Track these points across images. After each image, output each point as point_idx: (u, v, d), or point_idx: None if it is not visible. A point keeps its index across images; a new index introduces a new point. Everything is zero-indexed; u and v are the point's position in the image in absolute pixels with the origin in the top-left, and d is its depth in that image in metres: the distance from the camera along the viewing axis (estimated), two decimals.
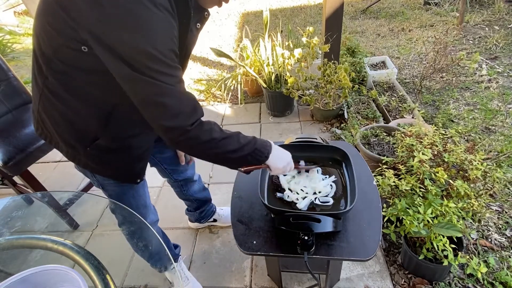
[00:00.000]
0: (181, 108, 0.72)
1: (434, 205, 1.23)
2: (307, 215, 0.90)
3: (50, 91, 0.79)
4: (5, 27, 4.78)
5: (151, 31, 0.63)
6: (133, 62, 0.64)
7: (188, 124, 0.73)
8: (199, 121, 0.76)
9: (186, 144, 0.78)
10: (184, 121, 0.73)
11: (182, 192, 1.49)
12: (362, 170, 1.16)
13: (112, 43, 0.63)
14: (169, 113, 0.71)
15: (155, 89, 0.68)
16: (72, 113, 0.82)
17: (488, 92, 2.49)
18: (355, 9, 4.50)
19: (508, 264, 1.41)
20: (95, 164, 0.94)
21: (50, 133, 0.89)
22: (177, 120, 0.72)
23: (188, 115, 0.73)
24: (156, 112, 0.71)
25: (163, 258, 1.28)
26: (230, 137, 0.81)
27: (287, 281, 1.46)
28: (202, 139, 0.76)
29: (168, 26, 0.67)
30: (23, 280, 0.73)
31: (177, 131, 0.73)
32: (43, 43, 0.72)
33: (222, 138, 0.79)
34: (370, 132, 1.94)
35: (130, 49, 0.63)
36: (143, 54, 0.63)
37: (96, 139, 0.87)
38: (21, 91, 1.78)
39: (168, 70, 0.68)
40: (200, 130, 0.76)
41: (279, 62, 2.46)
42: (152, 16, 0.62)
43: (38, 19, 0.71)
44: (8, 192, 1.99)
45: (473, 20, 3.59)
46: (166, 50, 0.67)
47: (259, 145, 0.86)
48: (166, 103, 0.70)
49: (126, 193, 1.08)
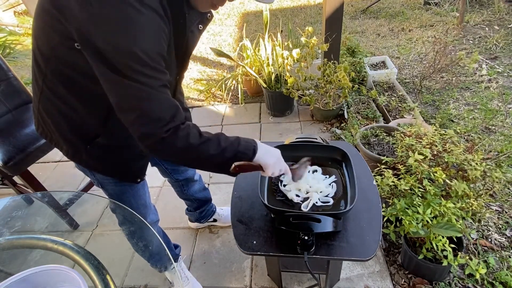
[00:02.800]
0: (158, 113, 0.69)
1: (433, 205, 1.23)
2: (307, 215, 0.90)
3: (50, 90, 0.79)
4: (5, 27, 4.78)
5: (137, 31, 0.62)
6: (116, 63, 0.63)
7: (164, 131, 0.70)
8: (174, 128, 0.72)
9: (163, 152, 0.75)
10: (160, 128, 0.70)
11: (183, 191, 1.49)
12: (362, 170, 1.16)
13: (97, 42, 0.62)
14: (145, 118, 0.69)
15: (135, 92, 0.66)
16: (71, 111, 0.82)
17: (488, 92, 2.49)
18: (355, 9, 4.50)
19: (508, 264, 1.41)
20: (95, 162, 0.94)
21: (51, 132, 0.89)
22: (152, 126, 0.69)
23: (165, 121, 0.70)
24: (132, 116, 0.69)
25: (163, 258, 1.28)
26: (209, 141, 0.77)
27: (287, 281, 1.46)
28: (178, 145, 0.73)
29: (156, 28, 0.66)
30: (23, 280, 0.73)
31: (152, 137, 0.70)
32: (41, 42, 0.73)
33: (200, 143, 0.75)
34: (370, 132, 1.94)
35: (114, 49, 0.62)
36: (126, 54, 0.63)
37: (96, 137, 0.87)
38: (21, 91, 1.78)
39: (151, 73, 0.66)
40: (175, 136, 0.72)
41: (279, 62, 2.46)
42: (139, 17, 0.62)
43: (36, 18, 0.72)
44: (8, 192, 1.99)
45: (473, 20, 3.59)
46: (152, 52, 0.65)
47: (242, 146, 0.82)
48: (143, 107, 0.68)
49: (126, 193, 1.08)
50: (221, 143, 0.78)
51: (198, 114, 2.84)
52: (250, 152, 0.83)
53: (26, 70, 4.03)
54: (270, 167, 0.87)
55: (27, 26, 5.17)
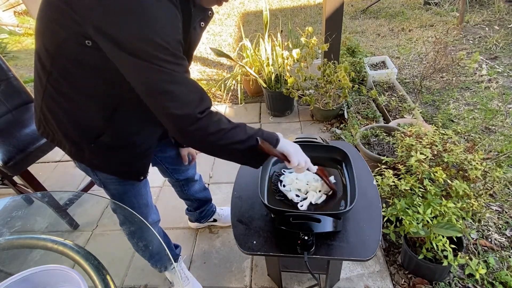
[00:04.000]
0: (189, 96, 0.71)
1: (433, 205, 1.23)
2: (307, 215, 0.90)
3: (54, 88, 0.79)
4: (5, 27, 4.78)
5: (156, 21, 0.63)
6: (139, 52, 0.64)
7: (198, 112, 0.71)
8: (208, 111, 0.74)
9: (194, 135, 0.75)
10: (193, 109, 0.71)
11: (183, 191, 1.49)
12: (362, 170, 1.16)
13: (117, 34, 0.62)
14: (178, 101, 0.70)
15: (164, 76, 0.67)
16: (76, 109, 0.82)
17: (488, 92, 2.49)
18: (355, 9, 4.50)
19: (508, 264, 1.41)
20: (98, 161, 0.94)
21: (53, 131, 0.89)
22: (186, 108, 0.70)
23: (196, 103, 0.72)
24: (164, 100, 0.69)
25: (163, 258, 1.28)
26: (238, 127, 0.80)
27: (287, 281, 1.46)
28: (210, 129, 0.75)
29: (173, 17, 0.67)
30: (23, 280, 0.73)
31: (187, 119, 0.71)
32: (47, 40, 0.72)
33: (231, 128, 0.78)
34: (370, 132, 1.94)
35: (136, 39, 0.63)
36: (149, 43, 0.63)
37: (100, 135, 0.87)
38: (21, 91, 1.78)
39: (175, 59, 0.67)
40: (209, 120, 0.74)
41: (279, 62, 2.46)
42: (157, 6, 0.62)
43: (40, 16, 0.71)
44: (8, 192, 1.99)
45: (473, 20, 3.59)
46: (172, 40, 0.66)
47: (266, 134, 0.86)
48: (174, 90, 0.68)
49: (128, 192, 1.08)
50: (247, 130, 0.82)
51: None
52: (274, 140, 0.87)
53: (26, 70, 4.03)
54: (294, 155, 0.89)
55: (27, 26, 5.17)
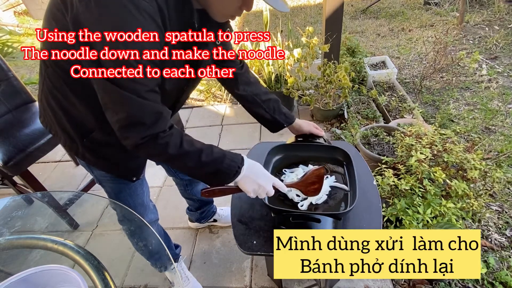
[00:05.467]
0: (139, 118, 0.70)
1: (433, 205, 1.23)
2: (307, 215, 0.90)
3: (51, 81, 0.81)
4: (5, 27, 4.78)
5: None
6: (103, 63, 0.64)
7: (139, 138, 0.71)
8: (152, 136, 0.72)
9: (142, 155, 0.77)
10: (136, 133, 0.71)
11: (186, 191, 1.49)
12: (362, 170, 1.16)
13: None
14: (124, 121, 0.70)
15: (118, 96, 0.67)
16: (69, 104, 0.83)
17: (488, 92, 2.49)
18: (355, 9, 4.50)
19: (508, 264, 1.41)
20: (91, 156, 0.94)
21: (51, 122, 0.91)
22: (130, 130, 0.71)
23: (144, 127, 0.71)
24: (114, 117, 0.70)
25: (162, 257, 1.28)
26: (188, 154, 0.76)
27: (287, 281, 1.46)
28: (154, 152, 0.75)
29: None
30: (23, 280, 0.73)
31: (129, 141, 0.72)
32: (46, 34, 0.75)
33: (178, 154, 0.75)
34: (370, 132, 1.94)
35: (103, 44, 0.63)
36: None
37: (91, 132, 0.88)
38: (21, 91, 1.78)
39: (139, 78, 0.67)
40: (151, 144, 0.73)
41: (279, 62, 2.46)
42: (134, 21, 0.62)
43: (46, 10, 0.74)
44: (8, 192, 1.99)
45: (473, 20, 3.59)
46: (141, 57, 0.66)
47: (225, 165, 0.80)
48: (125, 111, 0.68)
49: (123, 191, 1.08)
50: (202, 158, 0.77)
51: (198, 114, 2.84)
52: (231, 173, 0.81)
53: (26, 70, 4.04)
54: (250, 193, 0.85)
55: (27, 26, 5.17)
